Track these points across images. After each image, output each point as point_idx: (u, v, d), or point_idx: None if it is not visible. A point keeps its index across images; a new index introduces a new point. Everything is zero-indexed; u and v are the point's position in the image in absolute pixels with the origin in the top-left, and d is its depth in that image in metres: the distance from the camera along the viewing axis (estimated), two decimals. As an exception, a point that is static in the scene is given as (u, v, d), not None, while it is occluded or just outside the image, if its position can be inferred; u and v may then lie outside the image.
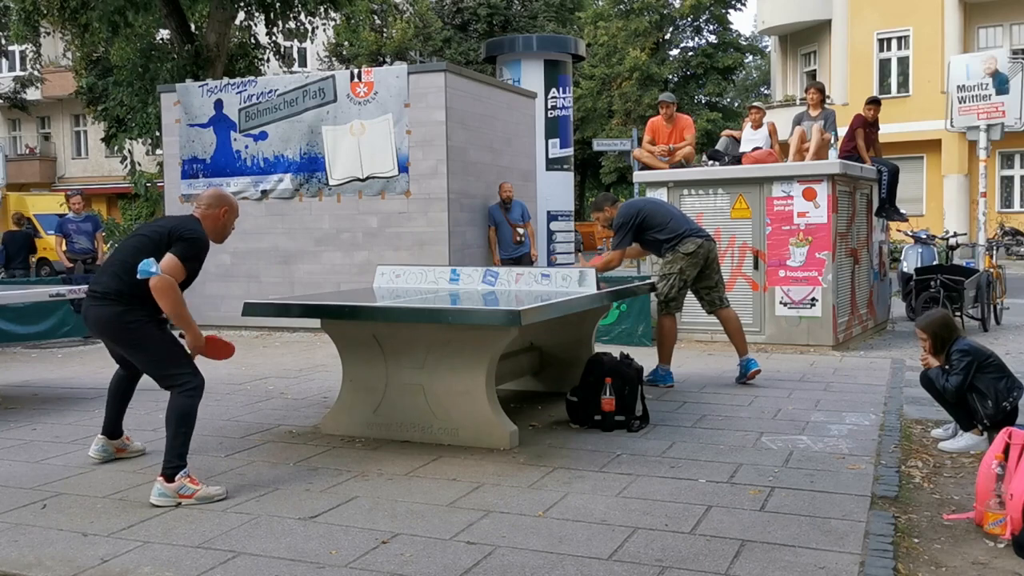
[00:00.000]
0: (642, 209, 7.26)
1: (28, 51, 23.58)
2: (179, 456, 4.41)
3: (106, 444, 5.15)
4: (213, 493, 4.42)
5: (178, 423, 4.43)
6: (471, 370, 5.33)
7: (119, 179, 28.49)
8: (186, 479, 4.39)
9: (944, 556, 3.60)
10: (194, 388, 4.49)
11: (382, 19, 32.86)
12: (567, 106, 15.07)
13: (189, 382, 4.49)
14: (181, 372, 4.51)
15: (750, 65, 52.59)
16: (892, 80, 27.45)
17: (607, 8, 38.41)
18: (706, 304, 7.45)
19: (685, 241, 7.13)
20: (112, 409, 5.10)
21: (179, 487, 4.37)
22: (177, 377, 4.49)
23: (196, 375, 4.54)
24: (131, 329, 4.50)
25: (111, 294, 4.50)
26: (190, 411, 4.46)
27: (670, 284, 7.18)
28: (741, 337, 7.39)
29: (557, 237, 14.74)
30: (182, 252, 4.43)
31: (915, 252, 12.10)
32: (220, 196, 4.75)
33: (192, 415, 4.47)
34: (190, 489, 4.37)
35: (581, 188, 39.95)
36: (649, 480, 4.62)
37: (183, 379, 4.49)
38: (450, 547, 3.72)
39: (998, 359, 5.27)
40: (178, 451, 4.41)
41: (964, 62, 13.58)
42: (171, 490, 4.36)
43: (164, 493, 4.36)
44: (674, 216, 7.31)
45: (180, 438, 4.42)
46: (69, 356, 10.02)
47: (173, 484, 4.37)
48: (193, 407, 4.47)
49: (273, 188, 11.38)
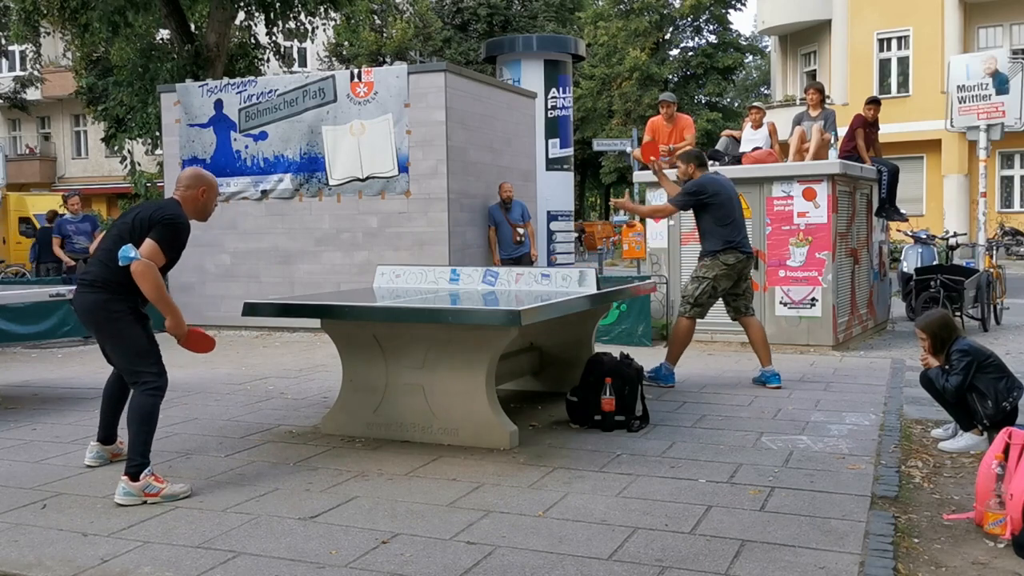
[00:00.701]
0: (720, 193, 7.07)
1: (28, 51, 23.59)
2: (141, 455, 4.43)
3: (101, 450, 5.16)
4: (178, 491, 4.45)
5: (140, 422, 4.45)
6: (471, 370, 5.33)
7: (119, 179, 28.49)
8: (151, 477, 4.42)
9: (944, 556, 3.60)
10: (156, 388, 4.52)
11: (382, 19, 32.85)
12: (567, 106, 15.08)
13: (152, 381, 4.52)
14: (147, 370, 4.53)
15: (750, 65, 52.60)
16: (892, 80, 27.45)
17: (607, 8, 38.42)
18: (731, 310, 7.38)
19: (729, 251, 7.04)
20: (106, 414, 5.12)
21: (144, 485, 4.39)
22: (142, 375, 4.52)
23: (161, 375, 4.56)
24: (113, 319, 4.54)
25: (98, 282, 4.55)
26: (151, 410, 4.49)
27: (701, 289, 7.10)
28: (765, 346, 7.26)
29: (557, 237, 14.75)
30: (160, 236, 4.46)
31: (915, 252, 12.10)
32: (197, 176, 4.76)
33: (153, 415, 4.50)
34: (155, 488, 4.40)
35: (581, 188, 39.98)
36: (649, 480, 4.62)
37: (147, 377, 4.52)
38: (450, 547, 3.72)
39: (998, 359, 5.27)
40: (140, 450, 4.43)
41: (964, 62, 13.58)
42: (136, 489, 4.38)
43: (129, 492, 4.38)
44: (735, 220, 7.14)
45: (141, 436, 4.44)
46: (69, 356, 10.02)
47: (138, 483, 4.39)
48: (155, 406, 4.51)
49: (273, 188, 11.38)
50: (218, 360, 9.08)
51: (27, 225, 25.98)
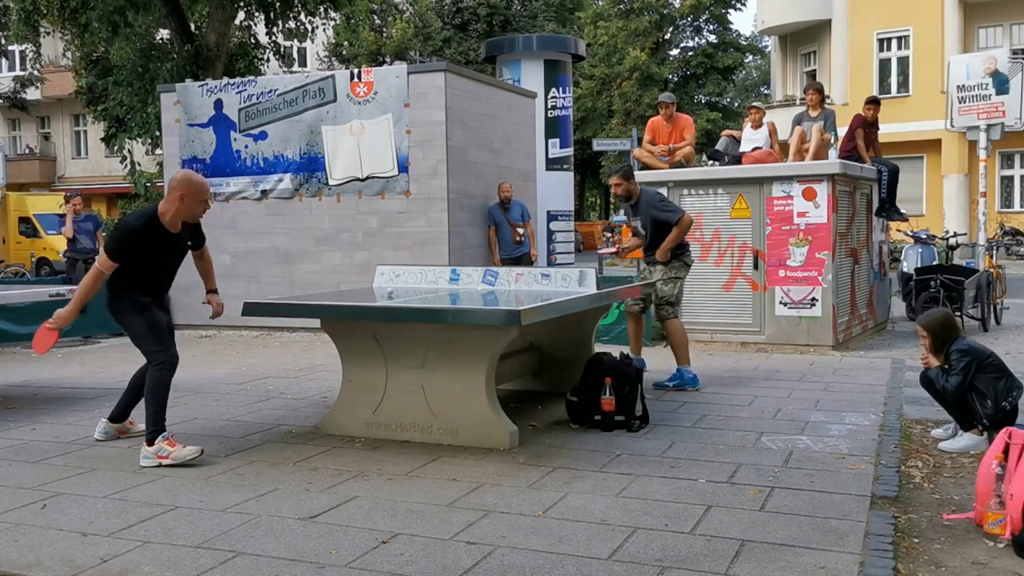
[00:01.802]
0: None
1: (28, 51, 23.59)
2: (155, 423, 5.03)
3: (108, 427, 5.67)
4: (187, 454, 4.98)
5: (151, 393, 5.09)
6: (471, 370, 5.33)
7: (119, 179, 28.48)
8: (164, 442, 5.00)
9: (944, 556, 3.60)
10: (161, 363, 5.11)
11: (382, 19, 32.87)
12: (567, 106, 15.09)
13: (159, 358, 5.12)
14: (153, 349, 5.14)
15: (750, 65, 52.60)
16: (892, 80, 27.45)
17: (607, 8, 38.42)
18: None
19: (686, 254, 7.47)
20: (125, 396, 5.63)
21: (157, 449, 4.97)
22: (152, 353, 5.15)
23: (166, 352, 5.16)
24: (120, 313, 5.20)
25: (108, 283, 5.18)
26: (161, 383, 5.09)
27: (678, 288, 7.37)
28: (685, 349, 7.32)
29: (557, 237, 14.76)
30: (107, 244, 5.16)
31: (915, 252, 12.10)
32: (180, 180, 5.20)
33: (163, 387, 5.10)
34: (166, 451, 4.96)
35: (581, 188, 39.99)
36: (649, 480, 4.62)
37: (154, 355, 5.14)
38: (450, 547, 3.72)
39: (998, 359, 5.27)
40: (153, 418, 5.03)
41: (964, 62, 13.59)
42: (151, 452, 4.98)
43: (147, 455, 5.00)
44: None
45: (154, 406, 5.06)
46: (69, 356, 10.02)
47: (152, 447, 4.98)
48: (163, 379, 5.10)
49: (273, 188, 11.38)
50: (218, 360, 9.08)
51: (27, 225, 26.00)
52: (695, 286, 9.66)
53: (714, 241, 9.55)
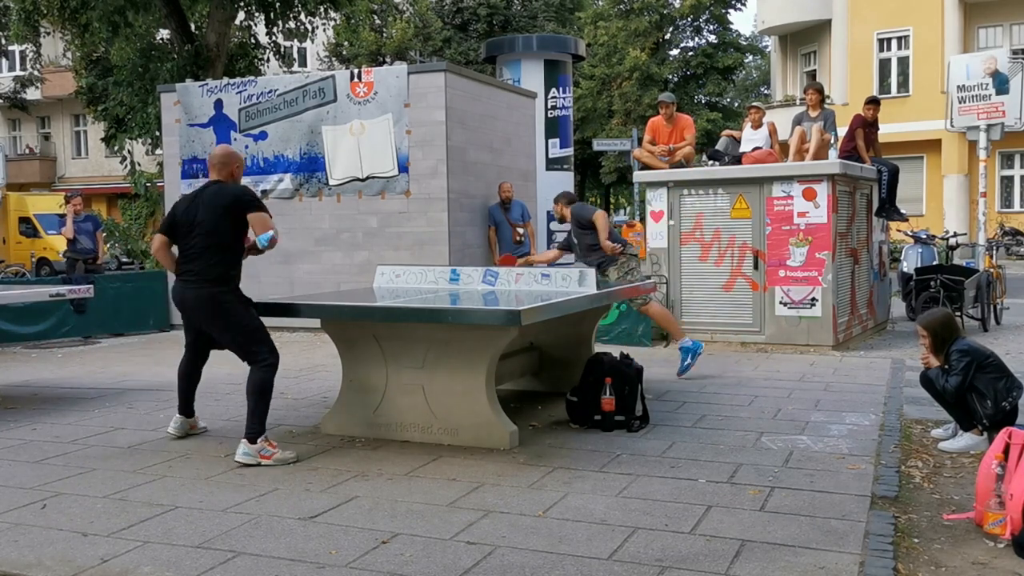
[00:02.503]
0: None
1: (28, 51, 23.57)
2: (259, 422, 5.06)
3: (183, 422, 5.74)
4: (288, 456, 5.04)
5: (258, 395, 5.11)
6: (471, 370, 5.33)
7: (119, 179, 28.46)
8: (266, 443, 5.05)
9: (944, 556, 3.60)
10: (270, 364, 5.18)
11: (382, 19, 32.85)
12: (567, 106, 15.07)
13: (267, 358, 5.18)
14: (261, 349, 5.20)
15: (750, 65, 52.54)
16: (892, 80, 27.44)
17: (607, 8, 38.37)
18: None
19: (628, 244, 8.13)
20: (183, 391, 5.71)
21: (260, 448, 5.02)
22: (257, 353, 5.18)
23: (273, 352, 5.22)
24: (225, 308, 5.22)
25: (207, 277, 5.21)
26: (267, 384, 5.15)
27: (637, 275, 7.95)
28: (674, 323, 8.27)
29: (557, 237, 14.71)
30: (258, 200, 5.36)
31: (915, 252, 12.10)
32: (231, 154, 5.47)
33: (269, 387, 5.16)
34: (269, 451, 5.03)
35: (581, 188, 39.93)
36: (649, 480, 4.62)
37: (262, 355, 5.18)
38: (450, 547, 3.72)
39: (998, 359, 5.27)
40: (258, 418, 5.07)
41: (964, 62, 13.58)
42: (254, 450, 5.01)
43: (248, 452, 5.01)
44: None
45: (260, 407, 5.10)
46: (69, 356, 10.02)
47: (256, 445, 5.02)
48: (269, 380, 5.16)
49: (273, 188, 11.37)
50: (218, 360, 9.06)
51: (27, 225, 26.01)
52: (695, 286, 9.67)
53: (714, 241, 9.56)
